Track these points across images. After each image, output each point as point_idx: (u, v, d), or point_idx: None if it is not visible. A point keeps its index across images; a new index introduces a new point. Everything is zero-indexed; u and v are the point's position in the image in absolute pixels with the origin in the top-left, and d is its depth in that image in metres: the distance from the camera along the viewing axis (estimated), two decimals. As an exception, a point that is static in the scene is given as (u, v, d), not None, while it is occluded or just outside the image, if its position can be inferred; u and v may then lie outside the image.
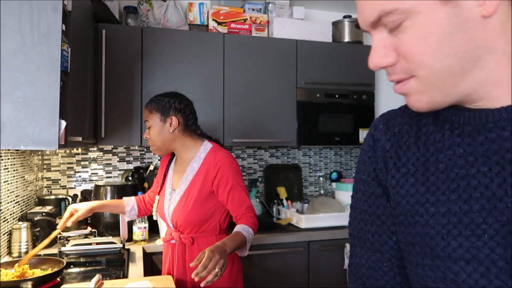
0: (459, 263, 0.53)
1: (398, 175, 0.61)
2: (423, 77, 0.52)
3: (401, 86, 0.55)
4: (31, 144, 1.42)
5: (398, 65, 0.53)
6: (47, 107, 1.42)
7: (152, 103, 1.68)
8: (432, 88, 0.53)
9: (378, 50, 0.54)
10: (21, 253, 1.89)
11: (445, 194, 0.55)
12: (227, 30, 2.64)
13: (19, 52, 1.41)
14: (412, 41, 0.51)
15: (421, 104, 0.54)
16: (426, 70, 0.52)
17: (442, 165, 0.56)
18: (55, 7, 1.43)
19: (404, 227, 0.59)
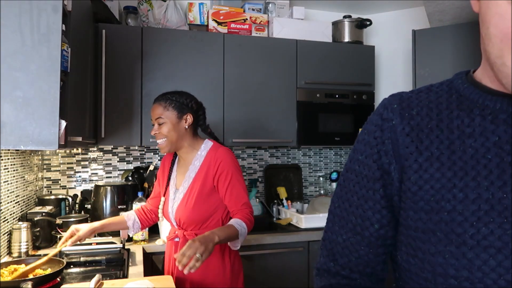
0: (489, 250, 0.50)
1: (421, 158, 0.57)
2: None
3: None
4: (31, 144, 1.42)
5: None
6: (47, 107, 1.42)
7: (167, 100, 1.70)
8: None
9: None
10: (21, 253, 1.89)
11: (476, 180, 0.53)
12: (227, 30, 2.64)
13: (19, 52, 1.40)
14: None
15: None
16: None
17: (472, 150, 0.54)
18: (55, 7, 1.43)
19: (425, 213, 0.56)
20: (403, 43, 3.06)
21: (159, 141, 1.70)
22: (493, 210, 0.51)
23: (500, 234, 0.50)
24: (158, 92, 2.42)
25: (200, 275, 1.65)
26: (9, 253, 1.92)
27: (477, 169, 0.53)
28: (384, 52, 3.15)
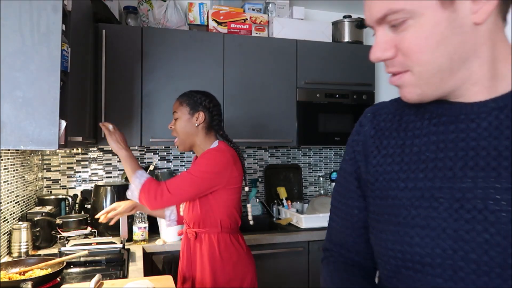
0: (415, 229, 0.62)
1: (379, 156, 0.70)
2: (417, 72, 0.59)
3: (397, 78, 0.62)
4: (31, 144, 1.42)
5: (396, 59, 0.60)
6: (47, 107, 1.42)
7: (184, 97, 1.75)
8: (424, 82, 0.60)
9: (380, 44, 0.60)
10: (21, 253, 1.89)
11: (414, 172, 0.64)
12: (227, 30, 2.64)
13: (19, 52, 1.40)
14: (413, 39, 0.57)
15: (412, 96, 0.62)
16: (421, 66, 0.58)
17: (416, 148, 0.65)
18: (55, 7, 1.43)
19: (379, 200, 0.69)
20: (403, 43, 3.06)
21: (173, 135, 1.77)
22: (423, 197, 0.62)
23: (425, 216, 0.61)
24: (158, 92, 2.44)
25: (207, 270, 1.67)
26: (9, 253, 1.92)
27: (417, 164, 0.64)
28: (384, 52, 3.14)
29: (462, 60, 0.58)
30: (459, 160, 0.60)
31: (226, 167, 1.65)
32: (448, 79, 0.59)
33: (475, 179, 0.58)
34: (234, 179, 1.68)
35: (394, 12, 0.57)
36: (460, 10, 0.55)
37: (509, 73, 0.60)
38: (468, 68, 0.58)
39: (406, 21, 0.57)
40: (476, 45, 0.57)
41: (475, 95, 0.60)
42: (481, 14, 0.55)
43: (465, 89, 0.60)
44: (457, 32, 0.56)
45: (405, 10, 0.56)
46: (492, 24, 0.58)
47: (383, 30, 0.60)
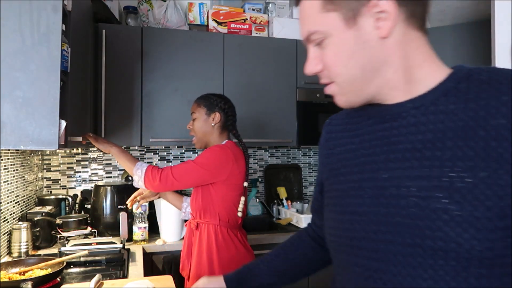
0: (345, 215, 0.73)
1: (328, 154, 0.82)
2: (339, 83, 0.69)
3: (327, 88, 0.72)
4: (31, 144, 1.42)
5: (323, 72, 0.70)
6: (47, 107, 1.42)
7: (201, 99, 1.89)
8: (345, 91, 0.69)
9: (310, 60, 0.71)
10: (21, 253, 1.89)
11: (350, 167, 0.74)
12: (227, 30, 2.64)
13: (19, 52, 1.40)
14: (330, 55, 0.67)
15: (341, 102, 0.72)
16: (339, 78, 0.68)
17: (354, 146, 0.75)
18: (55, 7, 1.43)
19: (327, 192, 0.80)
20: (403, 43, 3.06)
21: (191, 134, 1.91)
22: (354, 188, 0.72)
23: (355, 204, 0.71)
24: (158, 92, 2.44)
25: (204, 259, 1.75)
26: (9, 253, 1.92)
27: (353, 160, 0.74)
28: (384, 52, 3.15)
29: (374, 70, 0.66)
30: (383, 154, 0.69)
31: (226, 162, 1.74)
32: (365, 86, 0.67)
33: (393, 170, 0.66)
34: (234, 176, 1.76)
35: (312, 33, 0.68)
36: (364, 28, 0.64)
37: (425, 77, 0.66)
38: (383, 76, 0.66)
39: (323, 40, 0.67)
40: (386, 56, 0.65)
41: (396, 97, 0.68)
42: (383, 30, 0.63)
43: (385, 94, 0.68)
44: (365, 46, 0.64)
45: (319, 31, 0.67)
46: (401, 35, 0.65)
47: (312, 48, 0.70)
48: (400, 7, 0.63)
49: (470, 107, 0.61)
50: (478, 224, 0.57)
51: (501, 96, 0.59)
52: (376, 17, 0.63)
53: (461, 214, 0.58)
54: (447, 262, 0.59)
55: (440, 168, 0.61)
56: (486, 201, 0.57)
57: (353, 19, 0.64)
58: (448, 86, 0.65)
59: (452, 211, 0.59)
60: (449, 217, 0.59)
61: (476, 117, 0.60)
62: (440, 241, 0.59)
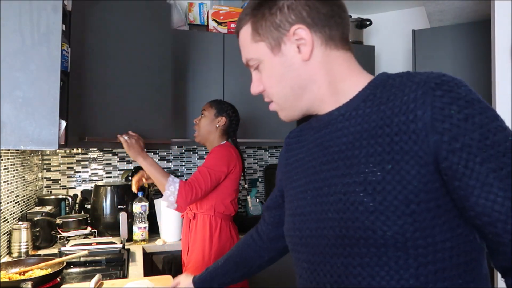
0: (295, 217, 0.80)
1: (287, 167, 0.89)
2: (276, 101, 0.79)
3: (270, 106, 0.81)
4: (31, 144, 1.42)
5: (264, 92, 0.80)
6: (47, 107, 1.42)
7: (215, 102, 2.08)
8: (283, 107, 0.79)
9: (254, 82, 0.80)
10: (21, 253, 1.89)
11: (298, 173, 0.82)
12: (227, 30, 2.64)
13: (19, 52, 1.41)
14: (264, 78, 0.78)
15: (282, 117, 0.82)
16: (275, 97, 0.78)
17: (302, 155, 0.83)
18: (55, 7, 1.43)
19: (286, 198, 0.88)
20: (403, 43, 3.06)
21: (195, 128, 2.07)
22: (300, 192, 0.80)
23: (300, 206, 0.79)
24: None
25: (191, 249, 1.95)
26: (9, 253, 1.92)
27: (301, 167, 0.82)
28: (384, 52, 3.15)
29: (302, 88, 0.75)
30: (319, 158, 0.76)
31: (231, 158, 1.94)
32: (297, 102, 0.77)
33: (327, 171, 0.74)
34: (233, 172, 1.95)
35: (249, 60, 0.78)
36: (287, 54, 0.74)
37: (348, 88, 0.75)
38: (311, 92, 0.75)
39: (259, 65, 0.77)
40: (311, 75, 0.74)
41: (326, 108, 0.77)
42: (304, 54, 0.73)
43: (317, 106, 0.77)
44: (290, 69, 0.74)
45: (253, 58, 0.77)
46: (321, 57, 0.74)
47: (253, 72, 0.80)
48: (315, 34, 0.73)
49: (381, 109, 0.69)
50: (387, 212, 0.64)
51: (403, 96, 0.66)
52: (296, 44, 0.73)
53: (373, 205, 0.65)
54: (368, 249, 0.66)
55: (358, 166, 0.68)
56: (392, 190, 0.64)
57: (278, 47, 0.74)
58: (366, 92, 0.73)
59: (366, 203, 0.66)
60: (364, 208, 0.66)
61: (384, 117, 0.68)
62: (359, 230, 0.66)
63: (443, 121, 0.62)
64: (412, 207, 0.63)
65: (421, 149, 0.63)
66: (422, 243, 0.64)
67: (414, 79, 0.67)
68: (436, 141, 0.62)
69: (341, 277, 0.70)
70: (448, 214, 0.65)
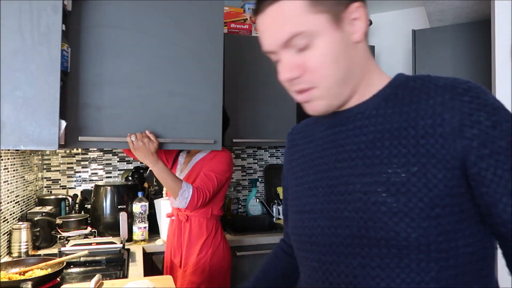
0: (304, 214, 0.77)
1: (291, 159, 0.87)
2: (323, 86, 0.69)
3: (306, 95, 0.71)
4: (31, 144, 1.42)
5: (303, 77, 0.69)
6: (47, 107, 1.42)
7: None
8: (329, 94, 0.70)
9: (287, 66, 0.70)
10: (21, 253, 1.89)
11: (306, 169, 0.80)
12: (227, 30, 2.64)
13: (19, 52, 1.41)
14: (316, 57, 0.68)
15: (321, 108, 0.72)
16: (326, 80, 0.69)
17: (310, 151, 0.81)
18: (55, 7, 1.43)
19: (291, 194, 0.85)
20: (403, 43, 3.06)
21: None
22: (309, 188, 0.77)
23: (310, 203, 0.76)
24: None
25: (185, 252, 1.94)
26: (9, 253, 1.92)
27: (309, 163, 0.80)
28: (384, 52, 3.15)
29: (352, 73, 0.70)
30: (333, 156, 0.74)
31: (231, 163, 1.98)
32: (344, 90, 0.71)
33: (342, 169, 0.72)
34: (230, 176, 2.00)
35: (297, 35, 0.67)
36: (346, 31, 0.68)
37: (375, 83, 0.73)
38: (354, 79, 0.71)
39: (309, 42, 0.67)
40: (358, 59, 0.71)
41: (350, 103, 0.74)
42: (359, 34, 0.69)
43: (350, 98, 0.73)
44: (347, 48, 0.69)
45: (307, 32, 0.66)
46: (365, 42, 0.71)
47: (287, 53, 0.69)
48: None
49: (404, 110, 0.68)
50: (412, 214, 0.63)
51: (429, 99, 0.66)
52: (352, 22, 0.69)
53: (396, 206, 0.64)
54: (389, 250, 0.65)
55: (379, 166, 0.67)
56: (418, 192, 0.63)
57: (339, 22, 0.67)
58: (387, 92, 0.72)
59: (389, 204, 0.64)
60: (387, 209, 0.64)
61: (408, 119, 0.67)
62: (381, 231, 0.65)
63: (472, 126, 0.62)
64: (437, 211, 0.63)
65: (449, 153, 0.62)
66: (445, 247, 0.64)
67: (439, 83, 0.67)
68: (464, 147, 0.62)
69: (357, 278, 0.68)
70: (471, 219, 0.65)
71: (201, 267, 1.92)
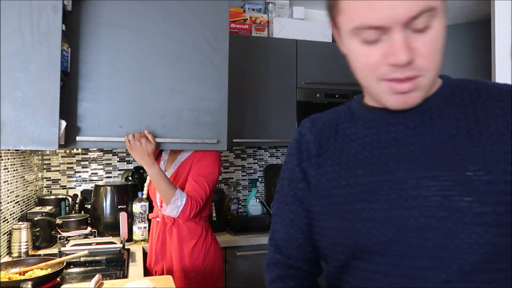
0: (361, 222, 0.67)
1: (320, 159, 0.76)
2: (429, 76, 0.62)
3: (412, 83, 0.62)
4: (31, 144, 1.42)
5: (415, 63, 0.60)
6: (47, 107, 1.42)
7: None
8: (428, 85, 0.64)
9: (404, 47, 0.59)
10: (21, 253, 1.89)
11: (354, 171, 0.70)
12: (227, 30, 2.64)
13: (19, 52, 1.41)
14: (432, 42, 0.60)
15: (415, 101, 0.65)
16: (434, 69, 0.62)
17: (353, 150, 0.72)
18: (55, 7, 1.43)
19: (323, 200, 0.73)
20: (403, 43, 3.06)
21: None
22: (363, 192, 0.67)
23: (368, 209, 0.66)
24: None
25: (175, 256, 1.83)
26: (9, 253, 1.92)
27: (355, 163, 0.70)
28: (384, 52, 3.15)
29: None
30: (393, 156, 0.67)
31: (219, 162, 1.90)
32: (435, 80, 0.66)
33: (407, 171, 0.65)
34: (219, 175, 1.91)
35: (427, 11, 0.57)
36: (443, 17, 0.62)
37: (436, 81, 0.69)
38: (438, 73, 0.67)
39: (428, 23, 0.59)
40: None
41: None
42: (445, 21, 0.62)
43: None
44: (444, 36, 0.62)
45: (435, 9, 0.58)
46: None
47: (404, 33, 0.59)
48: None
49: (470, 112, 0.66)
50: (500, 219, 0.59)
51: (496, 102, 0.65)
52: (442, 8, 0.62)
53: (485, 211, 0.59)
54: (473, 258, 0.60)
55: (455, 168, 0.62)
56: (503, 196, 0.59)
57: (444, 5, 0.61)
58: (446, 92, 0.69)
59: (475, 209, 0.59)
60: (474, 215, 0.59)
61: (478, 121, 0.64)
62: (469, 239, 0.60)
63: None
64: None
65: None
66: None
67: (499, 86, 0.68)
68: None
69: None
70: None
71: (193, 272, 1.83)
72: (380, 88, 0.64)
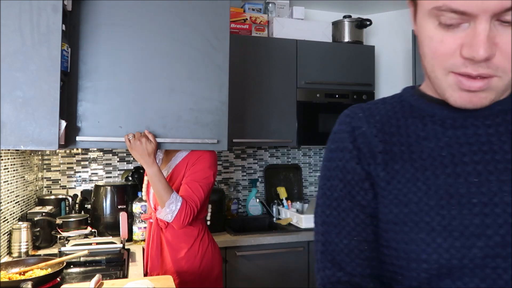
0: (454, 234, 0.58)
1: (387, 156, 0.64)
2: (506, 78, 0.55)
3: (485, 82, 0.55)
4: (31, 144, 1.42)
5: (492, 60, 0.54)
6: (47, 107, 1.42)
7: None
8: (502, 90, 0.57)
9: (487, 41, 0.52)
10: (21, 253, 1.89)
11: (434, 173, 0.61)
12: (227, 30, 2.64)
13: (19, 52, 1.41)
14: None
15: (484, 102, 0.57)
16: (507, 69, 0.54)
17: (428, 149, 0.62)
18: (55, 7, 1.43)
19: (395, 206, 0.62)
20: (403, 43, 3.06)
21: None
22: (452, 198, 0.59)
23: (461, 219, 0.58)
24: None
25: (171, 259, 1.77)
26: (9, 253, 1.92)
27: (434, 165, 0.61)
28: (384, 52, 3.15)
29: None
30: (478, 164, 0.59)
31: (214, 162, 1.83)
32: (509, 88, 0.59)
33: (499, 183, 0.57)
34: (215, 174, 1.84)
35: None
36: None
37: None
38: None
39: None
40: None
41: None
42: None
43: None
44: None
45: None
46: None
47: (489, 25, 0.52)
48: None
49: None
50: None
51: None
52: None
53: None
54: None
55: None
56: None
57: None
58: None
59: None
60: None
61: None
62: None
63: None
64: None
65: None
66: None
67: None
68: None
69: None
70: None
71: (191, 274, 1.78)
72: (447, 81, 0.57)
